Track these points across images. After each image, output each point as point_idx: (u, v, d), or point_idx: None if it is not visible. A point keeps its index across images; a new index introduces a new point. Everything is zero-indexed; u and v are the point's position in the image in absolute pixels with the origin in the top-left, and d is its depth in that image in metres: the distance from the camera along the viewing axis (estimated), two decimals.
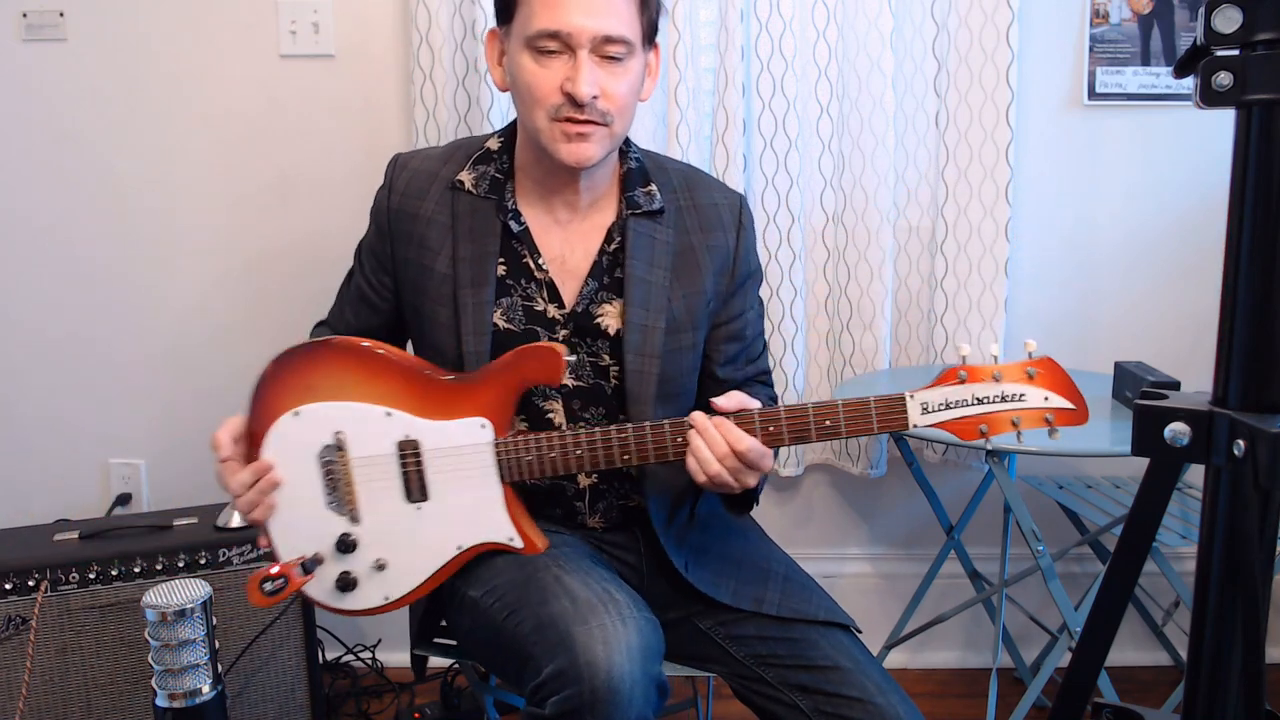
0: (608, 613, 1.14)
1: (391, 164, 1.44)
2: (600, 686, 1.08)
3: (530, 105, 1.28)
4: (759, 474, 1.24)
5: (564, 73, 1.25)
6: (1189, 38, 1.96)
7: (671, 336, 1.37)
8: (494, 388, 1.28)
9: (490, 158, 1.39)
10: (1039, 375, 1.20)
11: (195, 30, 2.10)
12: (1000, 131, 2.03)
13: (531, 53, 1.26)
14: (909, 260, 2.17)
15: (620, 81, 1.27)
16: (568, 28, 1.23)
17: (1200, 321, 2.17)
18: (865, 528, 2.33)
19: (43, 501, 2.20)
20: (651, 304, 1.36)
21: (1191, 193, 2.15)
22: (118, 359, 2.22)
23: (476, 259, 1.35)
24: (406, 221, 1.38)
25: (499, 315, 1.35)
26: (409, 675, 2.20)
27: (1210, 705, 0.79)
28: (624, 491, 1.42)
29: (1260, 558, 0.76)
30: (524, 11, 1.26)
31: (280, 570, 1.26)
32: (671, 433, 1.24)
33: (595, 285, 1.37)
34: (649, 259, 1.36)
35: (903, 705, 1.24)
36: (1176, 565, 2.03)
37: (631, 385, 1.35)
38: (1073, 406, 1.20)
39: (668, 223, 1.39)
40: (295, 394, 1.30)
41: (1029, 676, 2.05)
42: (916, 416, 1.22)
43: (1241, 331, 0.76)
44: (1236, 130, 0.75)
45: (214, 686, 1.16)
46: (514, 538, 1.29)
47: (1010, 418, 1.20)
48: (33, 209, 2.16)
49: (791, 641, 1.31)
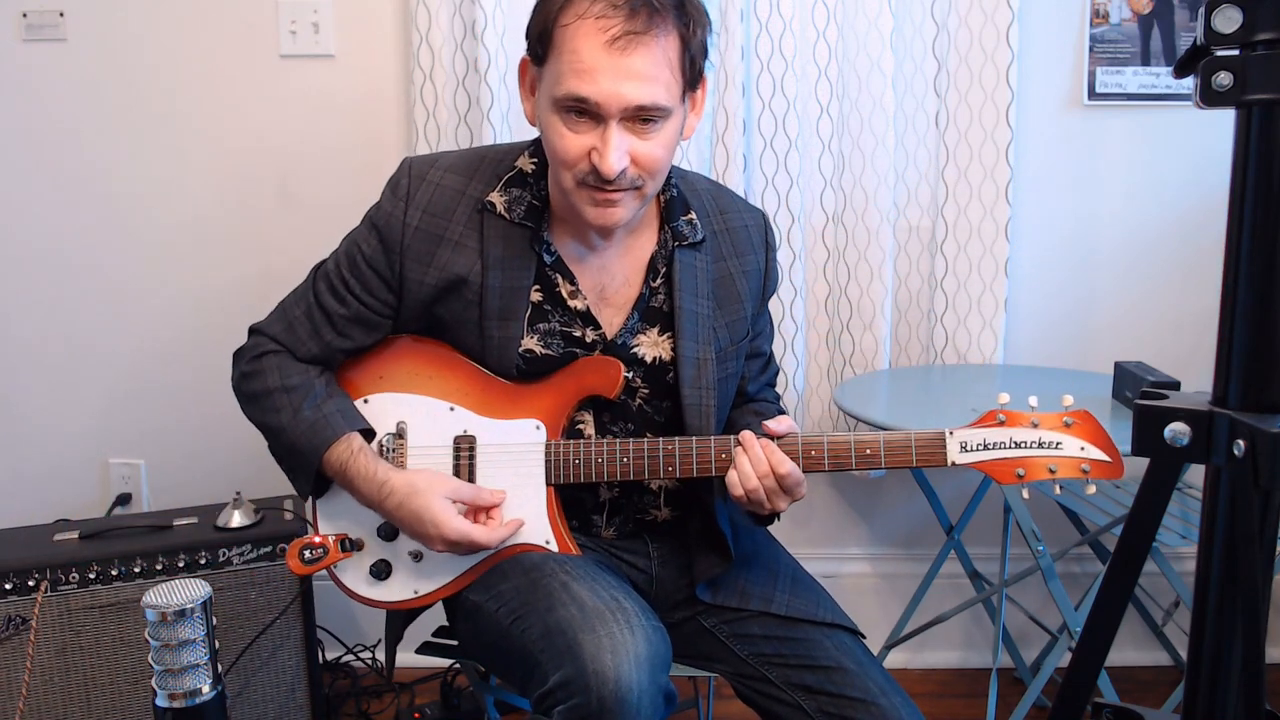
0: (615, 621, 1.14)
1: (405, 173, 1.33)
2: (608, 696, 1.08)
3: (556, 165, 1.24)
4: (789, 501, 1.26)
5: (592, 141, 1.19)
6: (1189, 38, 1.96)
7: (721, 365, 1.38)
8: (553, 393, 1.32)
9: (524, 181, 1.33)
10: (1075, 426, 1.24)
11: (195, 30, 2.10)
12: (1000, 131, 2.03)
13: (560, 113, 1.20)
14: (909, 260, 2.17)
15: (654, 145, 1.21)
16: (597, 97, 1.16)
17: (1200, 321, 2.17)
18: (865, 528, 2.33)
19: (43, 501, 2.20)
20: (701, 336, 1.36)
21: (1191, 193, 2.15)
22: (118, 359, 2.22)
23: (507, 291, 1.31)
24: (428, 243, 1.31)
25: (535, 341, 1.33)
26: (409, 675, 2.21)
27: (1210, 705, 0.79)
28: (642, 505, 1.42)
29: (1260, 558, 0.76)
30: (554, 67, 1.19)
31: (321, 541, 1.33)
32: (717, 449, 1.27)
33: (635, 319, 1.36)
34: (694, 290, 1.36)
35: (905, 707, 1.24)
36: (1176, 565, 2.03)
37: (690, 419, 1.35)
38: (1109, 459, 1.23)
39: (706, 250, 1.38)
40: (368, 382, 1.37)
41: (1029, 676, 2.05)
42: (955, 454, 1.24)
43: (1241, 331, 0.76)
44: (1236, 130, 0.75)
45: (214, 686, 1.16)
46: (550, 541, 1.31)
47: (1048, 465, 1.23)
48: (32, 209, 2.16)
49: (796, 641, 1.31)
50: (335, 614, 2.25)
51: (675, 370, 1.35)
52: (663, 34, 1.17)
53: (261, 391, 1.34)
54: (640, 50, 1.16)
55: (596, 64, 1.15)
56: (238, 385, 1.39)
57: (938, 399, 2.03)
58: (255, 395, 1.35)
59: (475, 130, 2.04)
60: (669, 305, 1.36)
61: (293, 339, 1.35)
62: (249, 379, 1.36)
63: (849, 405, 1.83)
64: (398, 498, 1.28)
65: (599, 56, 1.15)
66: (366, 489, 1.30)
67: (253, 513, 1.86)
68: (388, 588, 1.35)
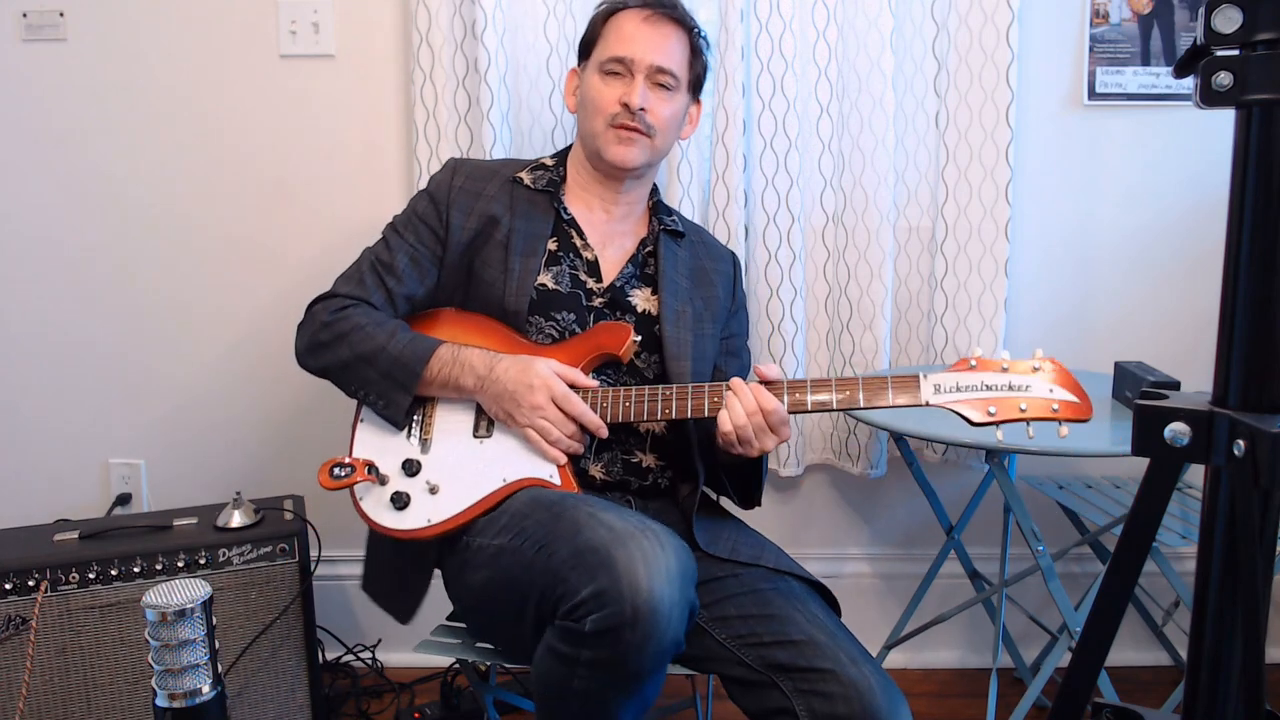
0: (646, 539, 1.20)
1: (452, 160, 1.67)
2: (642, 605, 1.13)
3: (593, 113, 1.59)
4: (775, 440, 1.40)
5: (622, 90, 1.57)
6: (1189, 38, 1.96)
7: (697, 323, 1.64)
8: (570, 351, 1.52)
9: (545, 168, 1.67)
10: (1043, 371, 1.31)
11: (195, 30, 2.10)
12: (1000, 131, 2.03)
13: (601, 74, 1.59)
14: (909, 260, 2.17)
15: (665, 106, 1.60)
16: (632, 55, 1.57)
17: (1200, 321, 2.18)
18: (865, 528, 2.33)
19: (43, 501, 2.20)
20: (679, 296, 1.63)
21: (1191, 193, 2.15)
22: (118, 359, 2.22)
23: (530, 235, 1.59)
24: (468, 198, 1.61)
25: (548, 278, 1.58)
26: (409, 675, 2.21)
27: (1210, 705, 0.79)
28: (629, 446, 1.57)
29: (1260, 558, 0.76)
30: (601, 47, 1.61)
31: (352, 461, 1.47)
32: (710, 393, 1.44)
33: (631, 271, 1.63)
34: (675, 265, 1.66)
35: (875, 675, 1.27)
36: (1176, 565, 2.03)
37: (670, 349, 1.58)
38: (1077, 400, 1.28)
39: (685, 246, 1.70)
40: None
41: (1029, 676, 2.05)
42: (929, 394, 1.34)
43: (1241, 331, 0.76)
44: (1236, 130, 0.75)
45: (214, 686, 1.16)
46: (554, 475, 1.46)
47: (1018, 404, 1.29)
48: (32, 209, 2.16)
49: (769, 619, 1.36)
50: (335, 614, 2.25)
51: (659, 318, 1.60)
52: (681, 30, 1.62)
53: (352, 328, 1.52)
54: (666, 28, 1.59)
55: (635, 33, 1.58)
56: (317, 337, 1.55)
57: None
58: (344, 333, 1.52)
59: (475, 130, 2.04)
60: (656, 272, 1.64)
61: (363, 291, 1.58)
62: (333, 325, 1.53)
63: None
64: (509, 359, 1.48)
65: (637, 28, 1.58)
66: (480, 360, 1.48)
67: (253, 513, 1.86)
68: (404, 516, 1.45)
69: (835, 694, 1.25)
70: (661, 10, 1.60)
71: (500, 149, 2.03)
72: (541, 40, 2.05)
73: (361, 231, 2.14)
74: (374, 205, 2.13)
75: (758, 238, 2.09)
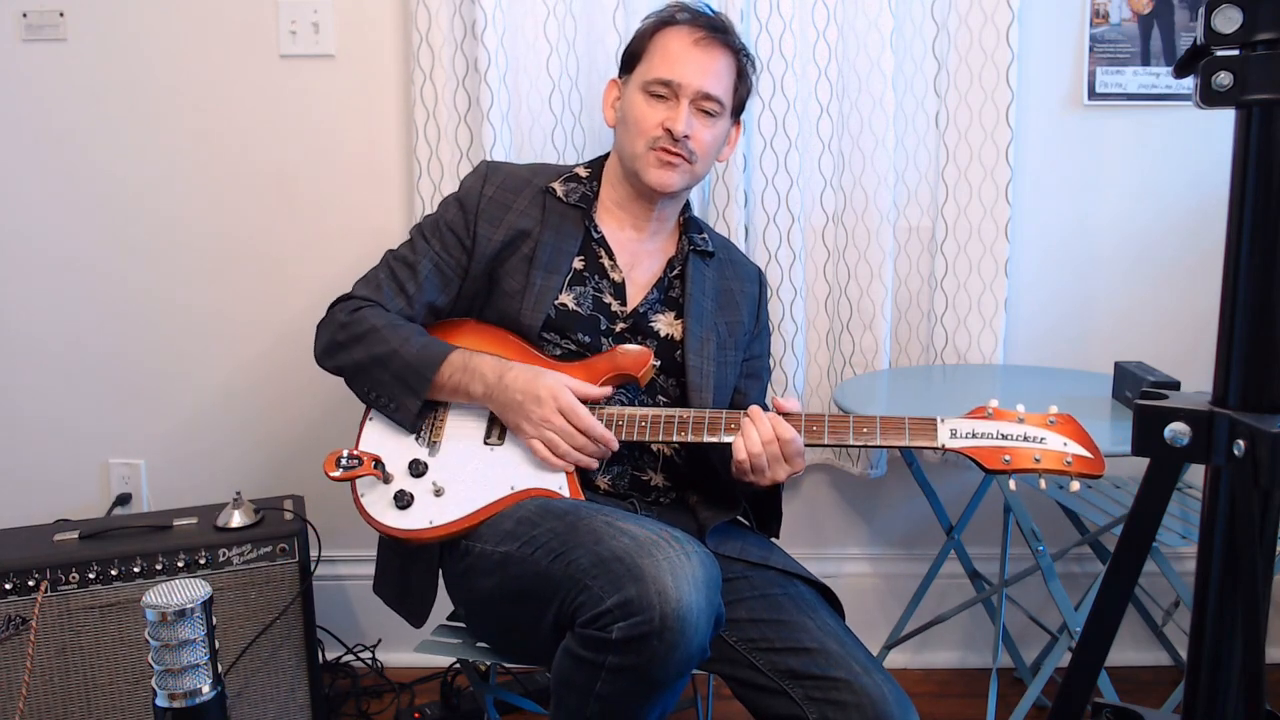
0: (671, 547, 1.20)
1: (484, 165, 1.65)
2: (670, 614, 1.13)
3: (634, 135, 1.55)
4: (788, 470, 1.40)
5: (666, 114, 1.53)
6: (1189, 38, 1.96)
7: (720, 351, 1.63)
8: (589, 368, 1.51)
9: (579, 180, 1.64)
10: (1059, 425, 1.34)
11: (195, 30, 2.10)
12: (1000, 131, 2.03)
13: (645, 95, 1.55)
14: (909, 260, 2.17)
15: (708, 131, 1.56)
16: (679, 80, 1.53)
17: (1200, 321, 2.17)
18: (865, 528, 2.33)
19: (43, 501, 2.20)
20: (704, 322, 1.61)
21: (1191, 193, 2.15)
22: (118, 359, 2.22)
23: (556, 250, 1.57)
24: (498, 209, 1.59)
25: (570, 298, 1.56)
26: (409, 675, 2.21)
27: (1210, 705, 0.79)
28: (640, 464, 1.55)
29: (1260, 558, 0.76)
30: (646, 64, 1.57)
31: (360, 454, 1.44)
32: (727, 420, 1.44)
33: (656, 296, 1.61)
34: (702, 288, 1.63)
35: (887, 684, 1.27)
36: (1176, 565, 2.03)
37: (692, 378, 1.57)
38: (1090, 455, 1.31)
39: (713, 266, 1.68)
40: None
41: (1029, 676, 2.05)
42: (945, 437, 1.36)
43: (1241, 331, 0.76)
44: (1236, 130, 0.75)
45: (214, 686, 1.16)
46: (563, 487, 1.44)
47: (1033, 455, 1.32)
48: (32, 209, 2.16)
49: (780, 624, 1.36)
50: (335, 614, 2.25)
51: (683, 344, 1.58)
52: (730, 55, 1.58)
53: (368, 330, 1.51)
54: (715, 53, 1.55)
55: (683, 55, 1.54)
56: (334, 338, 1.54)
57: (938, 399, 2.03)
58: (360, 335, 1.51)
59: (475, 130, 2.04)
60: (682, 296, 1.62)
61: (380, 295, 1.57)
62: (349, 326, 1.52)
63: (849, 405, 1.83)
64: (519, 368, 1.47)
65: (686, 50, 1.54)
66: (490, 368, 1.47)
67: (253, 513, 1.86)
68: (406, 515, 1.44)
69: (849, 703, 1.25)
70: (714, 34, 1.56)
71: (500, 149, 2.03)
72: (541, 40, 2.04)
73: (361, 231, 2.15)
74: (374, 205, 2.13)
75: (758, 238, 2.09)
